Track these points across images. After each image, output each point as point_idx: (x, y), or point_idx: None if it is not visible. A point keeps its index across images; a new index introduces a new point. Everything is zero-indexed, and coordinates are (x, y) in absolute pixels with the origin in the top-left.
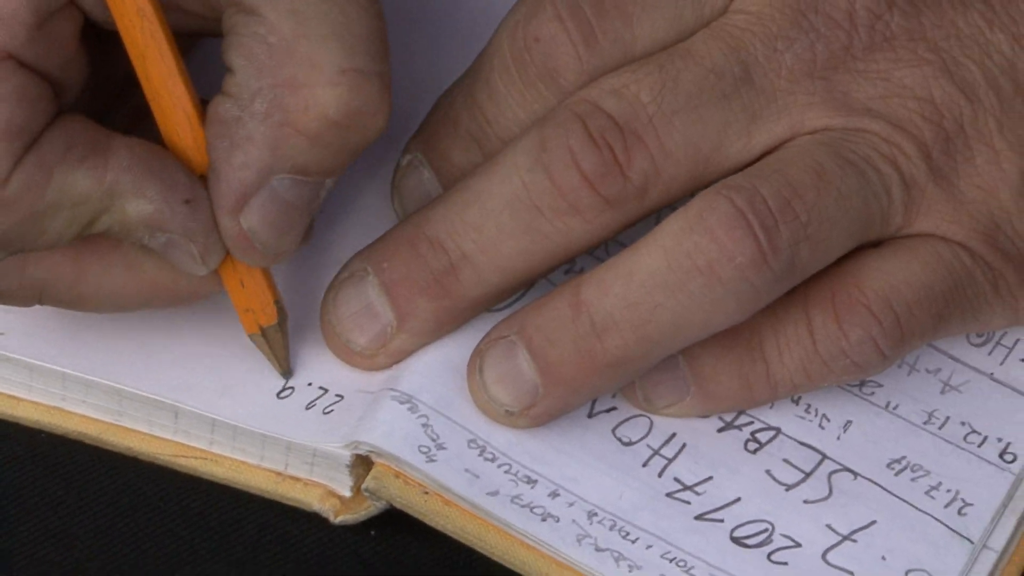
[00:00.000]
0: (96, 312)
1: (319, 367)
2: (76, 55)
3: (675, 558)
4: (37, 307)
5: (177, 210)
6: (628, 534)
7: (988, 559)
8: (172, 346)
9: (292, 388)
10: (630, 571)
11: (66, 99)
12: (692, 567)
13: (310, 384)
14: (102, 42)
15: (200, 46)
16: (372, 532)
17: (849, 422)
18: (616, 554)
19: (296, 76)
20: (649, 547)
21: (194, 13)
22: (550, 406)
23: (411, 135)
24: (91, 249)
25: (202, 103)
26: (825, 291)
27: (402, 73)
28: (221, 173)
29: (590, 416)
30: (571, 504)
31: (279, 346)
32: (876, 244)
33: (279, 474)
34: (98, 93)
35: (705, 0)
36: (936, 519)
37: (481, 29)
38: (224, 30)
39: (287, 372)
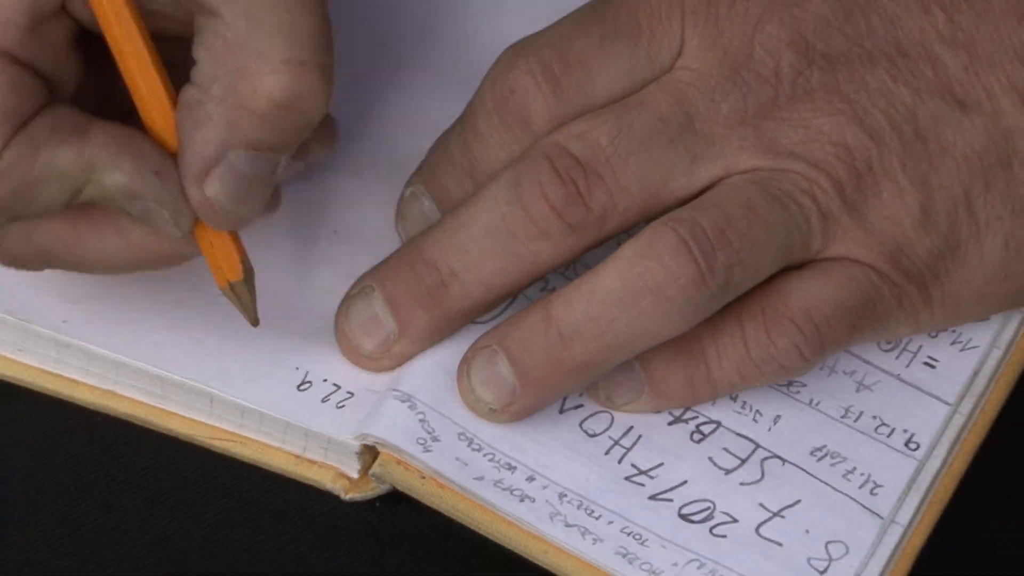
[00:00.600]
0: (94, 273)
1: (334, 367)
2: (68, 56)
3: (632, 532)
4: (94, 300)
5: (148, 180)
6: (593, 512)
7: (895, 532)
8: (209, 340)
9: (311, 382)
10: (594, 543)
11: (61, 93)
12: (646, 540)
13: (326, 380)
14: (101, 51)
15: None
16: (377, 503)
17: (779, 416)
18: (582, 529)
19: (247, 65)
20: (610, 523)
21: (171, 17)
22: (526, 404)
23: (414, 170)
24: (86, 218)
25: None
26: (756, 306)
27: (408, 118)
28: (186, 148)
29: (561, 412)
30: (545, 487)
31: (247, 299)
32: (799, 266)
33: (298, 457)
34: (98, 98)
35: (655, 58)
36: (852, 498)
37: (472, 81)
38: (194, 30)
39: (255, 321)
